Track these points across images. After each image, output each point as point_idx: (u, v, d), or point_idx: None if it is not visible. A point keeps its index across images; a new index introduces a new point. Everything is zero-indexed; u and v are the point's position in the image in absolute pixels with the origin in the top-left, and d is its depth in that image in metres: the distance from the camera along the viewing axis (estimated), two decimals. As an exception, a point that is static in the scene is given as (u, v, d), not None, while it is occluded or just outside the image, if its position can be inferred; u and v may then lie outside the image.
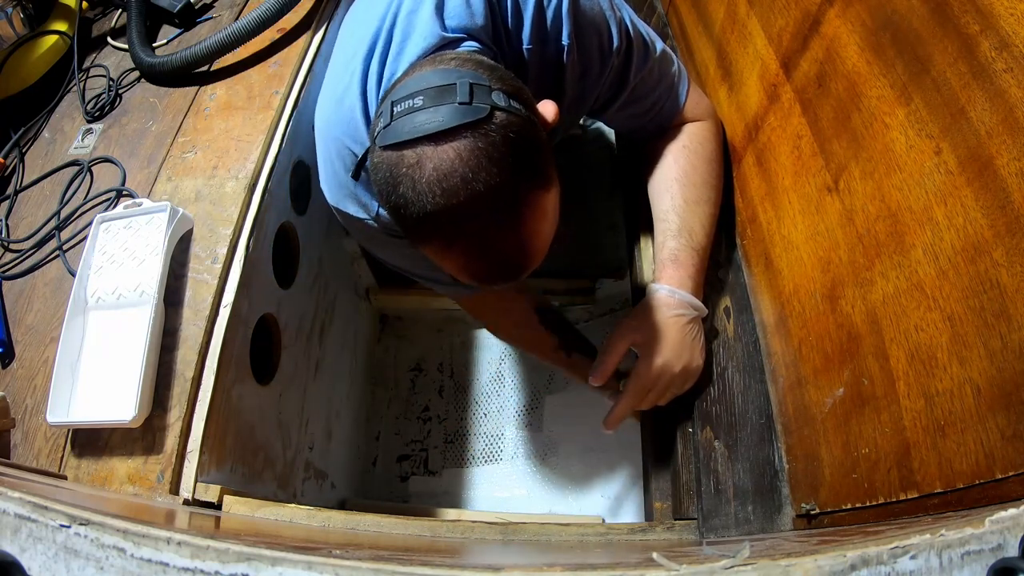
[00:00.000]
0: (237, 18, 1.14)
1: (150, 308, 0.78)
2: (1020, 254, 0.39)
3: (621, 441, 1.20)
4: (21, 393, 0.83)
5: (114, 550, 0.36)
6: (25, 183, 1.04)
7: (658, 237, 0.79)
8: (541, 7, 0.69)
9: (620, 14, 0.75)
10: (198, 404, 0.79)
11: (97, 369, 0.80)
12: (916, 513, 0.47)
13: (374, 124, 0.57)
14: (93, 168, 1.01)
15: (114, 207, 0.94)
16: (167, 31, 1.20)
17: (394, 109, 0.53)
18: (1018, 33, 0.39)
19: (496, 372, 1.42)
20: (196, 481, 0.75)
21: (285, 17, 1.05)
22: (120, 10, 1.26)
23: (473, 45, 0.66)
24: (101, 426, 0.77)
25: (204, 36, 1.06)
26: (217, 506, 0.76)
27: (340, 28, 0.85)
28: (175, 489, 0.75)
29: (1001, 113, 0.40)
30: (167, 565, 0.35)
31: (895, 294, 0.50)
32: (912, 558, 0.30)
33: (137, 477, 0.75)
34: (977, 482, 0.41)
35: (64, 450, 0.78)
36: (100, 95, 1.11)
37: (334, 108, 0.71)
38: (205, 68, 1.08)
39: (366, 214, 0.73)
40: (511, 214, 0.54)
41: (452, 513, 1.18)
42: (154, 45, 1.16)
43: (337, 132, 0.71)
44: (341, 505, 1.24)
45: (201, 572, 0.35)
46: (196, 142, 0.98)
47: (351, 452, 1.32)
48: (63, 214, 0.97)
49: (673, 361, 0.73)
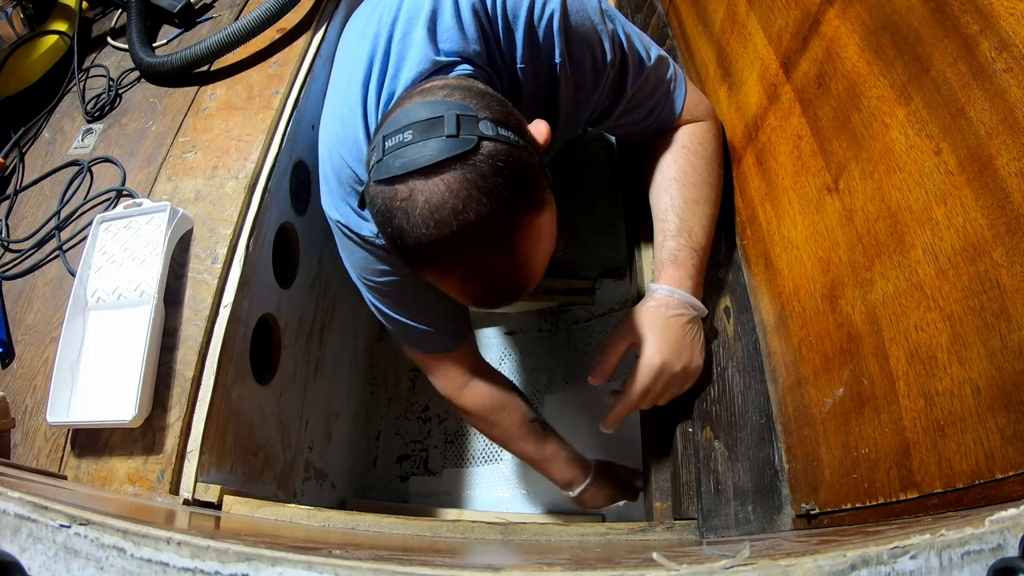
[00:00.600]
0: (237, 18, 1.14)
1: (150, 308, 0.78)
2: (1020, 254, 0.39)
3: (621, 441, 1.20)
4: (21, 393, 0.83)
5: (114, 550, 0.36)
6: (25, 183, 1.04)
7: (657, 237, 0.79)
8: (532, 26, 0.70)
9: (612, 26, 0.75)
10: (198, 404, 0.79)
11: (97, 369, 0.81)
12: (916, 513, 0.47)
13: (368, 157, 0.58)
14: (93, 168, 1.01)
15: (114, 207, 0.94)
16: (167, 31, 1.20)
17: (385, 143, 0.55)
18: (1018, 33, 0.39)
19: (496, 372, 1.42)
20: (196, 481, 0.75)
21: (285, 17, 1.05)
22: (120, 10, 1.26)
23: (466, 68, 0.67)
24: (101, 426, 0.77)
25: (204, 36, 1.06)
26: (217, 506, 0.76)
27: (340, 41, 0.86)
28: (175, 489, 0.75)
29: (1001, 113, 0.40)
30: (167, 565, 0.35)
31: (895, 294, 0.50)
32: (912, 558, 0.30)
33: (137, 477, 0.75)
34: (977, 482, 0.41)
35: (64, 450, 0.78)
36: (100, 95, 1.11)
37: (338, 127, 0.73)
38: (205, 68, 1.08)
39: (368, 231, 0.74)
40: (504, 241, 0.55)
41: (452, 513, 1.18)
42: (154, 45, 1.16)
43: (341, 151, 0.73)
44: (341, 505, 1.24)
45: (201, 572, 0.35)
46: (196, 142, 0.99)
47: (351, 452, 1.32)
48: (63, 214, 0.97)
49: (673, 361, 0.73)
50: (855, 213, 0.55)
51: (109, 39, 1.23)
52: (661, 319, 0.74)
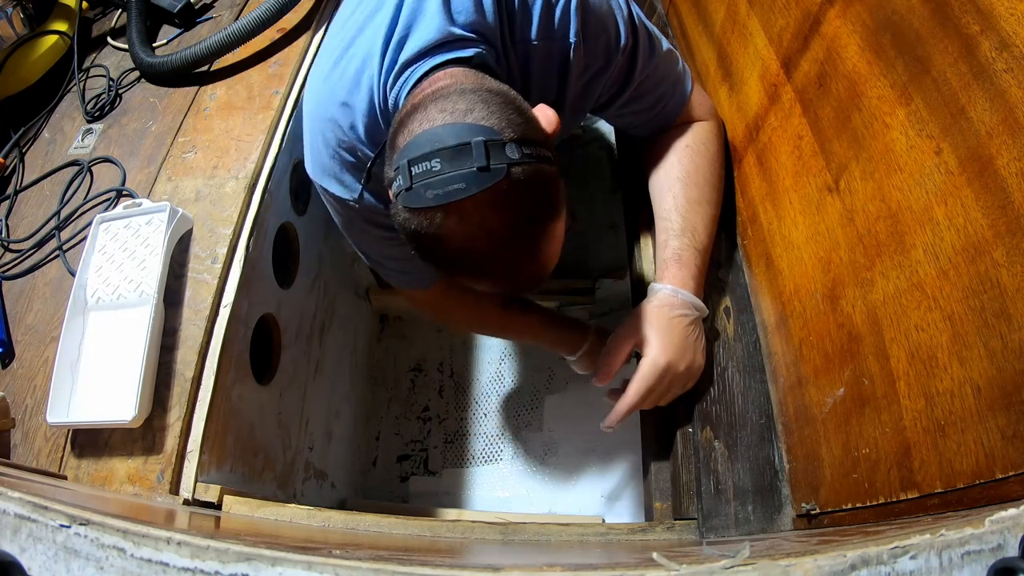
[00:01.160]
0: (237, 18, 1.14)
1: (150, 308, 0.78)
2: (1020, 254, 0.39)
3: (621, 441, 1.20)
4: (21, 393, 0.83)
5: (114, 550, 0.36)
6: (25, 183, 1.04)
7: (660, 236, 0.79)
8: (549, 3, 0.69)
9: (628, 10, 0.75)
10: (198, 404, 0.79)
11: (97, 369, 0.80)
12: (916, 513, 0.47)
13: (389, 176, 0.58)
14: (93, 168, 1.01)
15: (114, 207, 0.94)
16: (167, 31, 1.20)
17: (412, 170, 0.54)
18: (1018, 33, 0.39)
19: (496, 372, 1.42)
20: (196, 481, 0.75)
21: (285, 17, 1.05)
22: (120, 10, 1.26)
23: (478, 51, 0.64)
24: (101, 426, 0.77)
25: (204, 36, 1.06)
26: (217, 506, 0.76)
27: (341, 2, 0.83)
28: (175, 489, 0.75)
29: (1001, 113, 0.40)
30: (167, 565, 0.35)
31: (895, 294, 0.50)
32: (912, 558, 0.30)
33: (137, 477, 0.75)
34: (977, 482, 0.41)
35: (64, 450, 0.78)
36: (100, 95, 1.11)
37: (333, 86, 0.70)
38: (205, 68, 1.08)
39: (348, 195, 0.73)
40: (531, 251, 0.59)
41: (452, 513, 1.18)
42: (154, 45, 1.16)
43: (332, 112, 0.70)
44: (341, 505, 1.24)
45: (201, 572, 0.35)
46: (196, 142, 0.98)
47: (351, 452, 1.32)
48: (63, 214, 0.97)
49: (677, 361, 0.73)
50: (856, 213, 0.55)
51: (109, 39, 1.23)
52: (665, 319, 0.74)
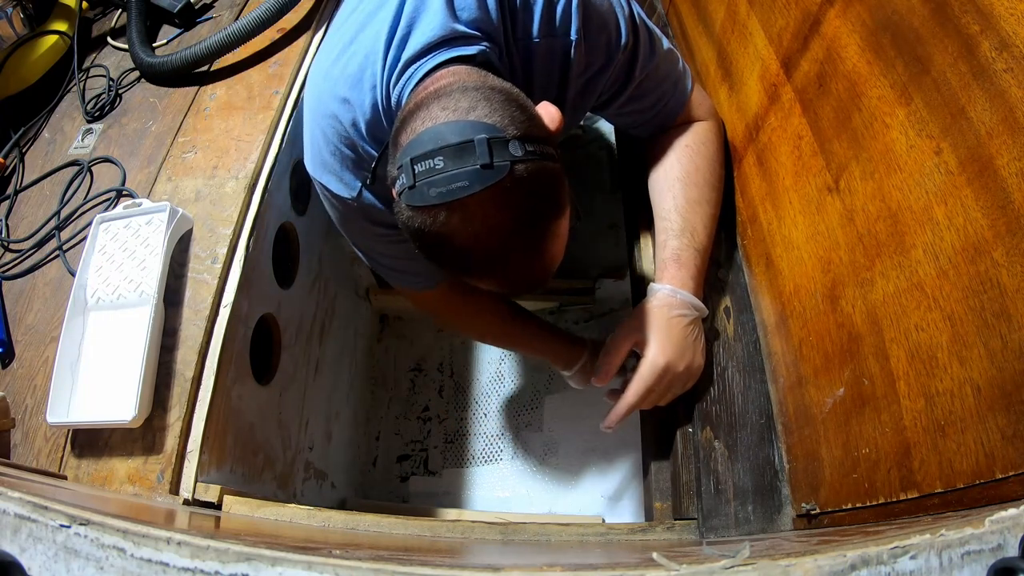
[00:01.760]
0: (237, 18, 1.14)
1: (150, 308, 0.78)
2: (1020, 254, 0.39)
3: (621, 441, 1.20)
4: (21, 393, 0.83)
5: (114, 550, 0.36)
6: (25, 183, 1.04)
7: (660, 236, 0.79)
8: (551, 1, 0.69)
9: (629, 9, 0.75)
10: (198, 404, 0.79)
11: (97, 369, 0.80)
12: (916, 513, 0.47)
13: (392, 174, 0.58)
14: (93, 168, 1.01)
15: (114, 207, 0.94)
16: (167, 31, 1.20)
17: (415, 168, 0.54)
18: (1018, 33, 0.39)
19: (496, 372, 1.42)
20: (196, 481, 0.75)
21: (285, 17, 1.05)
22: (120, 10, 1.26)
23: (481, 48, 0.64)
24: (101, 426, 0.77)
25: (204, 36, 1.06)
26: (217, 506, 0.76)
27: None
28: (175, 489, 0.75)
29: (1001, 113, 0.40)
30: (167, 565, 0.35)
31: (895, 294, 0.50)
32: (912, 558, 0.30)
33: (137, 477, 0.75)
34: (977, 482, 0.41)
35: (64, 450, 0.78)
36: (100, 95, 1.11)
37: (333, 83, 0.69)
38: (205, 68, 1.08)
39: (347, 193, 0.73)
40: (535, 249, 0.59)
41: (452, 513, 1.17)
42: (154, 45, 1.16)
43: (333, 107, 0.69)
44: (341, 505, 1.24)
45: (201, 572, 0.35)
46: (196, 142, 0.98)
47: (351, 452, 1.32)
48: (63, 214, 0.97)
49: (676, 361, 0.73)
50: (856, 213, 0.55)
51: (109, 39, 1.23)
52: (664, 319, 0.74)
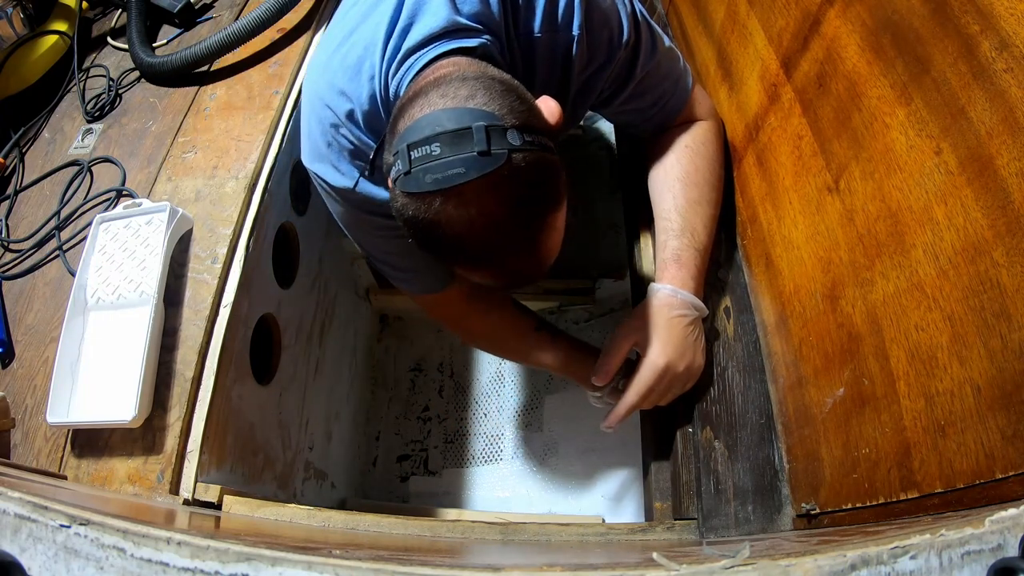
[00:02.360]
0: (237, 18, 1.14)
1: (150, 308, 0.78)
2: (1020, 254, 0.39)
3: (621, 441, 1.20)
4: (21, 393, 0.83)
5: (114, 550, 0.36)
6: (25, 183, 1.04)
7: (660, 236, 0.79)
8: None
9: (631, 6, 0.75)
10: (198, 404, 0.79)
11: (97, 369, 0.80)
12: (916, 513, 0.47)
13: (388, 161, 0.57)
14: (93, 168, 1.01)
15: (114, 207, 0.94)
16: (167, 31, 1.20)
17: (411, 154, 0.54)
18: (1018, 33, 0.39)
19: (496, 372, 1.42)
20: (196, 481, 0.75)
21: (285, 17, 1.05)
22: (120, 10, 1.26)
23: (482, 40, 0.64)
24: (101, 426, 0.77)
25: (204, 36, 1.06)
26: (217, 506, 0.76)
27: None
28: (175, 489, 0.75)
29: (1001, 113, 0.40)
30: (167, 565, 0.35)
31: (895, 294, 0.50)
32: (912, 558, 0.30)
33: (137, 477, 0.75)
34: (977, 482, 0.41)
35: (64, 450, 0.78)
36: (100, 95, 1.11)
37: (333, 75, 0.69)
38: (205, 68, 1.08)
39: (343, 183, 0.72)
40: (530, 242, 0.58)
41: (452, 513, 1.18)
42: (154, 45, 1.16)
43: (329, 100, 0.69)
44: (341, 505, 1.24)
45: (201, 572, 0.35)
46: (196, 142, 0.98)
47: (351, 452, 1.32)
48: (63, 214, 0.97)
49: (676, 362, 0.73)
50: (856, 213, 0.55)
51: (109, 39, 1.23)
52: (664, 319, 0.74)
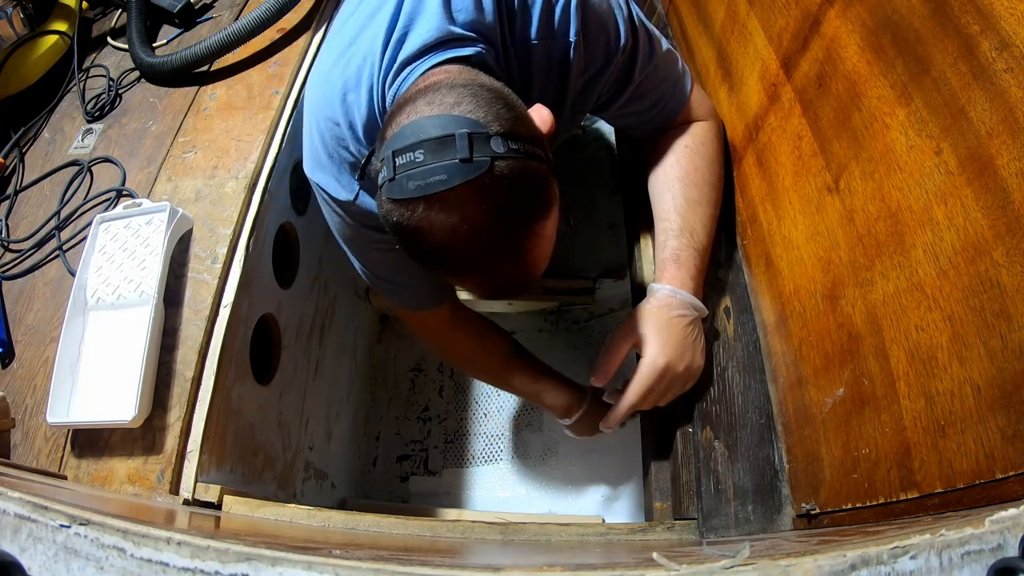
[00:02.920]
0: (237, 18, 1.14)
1: (150, 308, 0.78)
2: (1020, 254, 0.39)
3: (621, 441, 1.20)
4: (21, 393, 0.83)
5: (114, 550, 0.36)
6: (25, 183, 1.04)
7: (659, 236, 0.79)
8: (549, 3, 0.69)
9: (629, 10, 0.75)
10: (198, 404, 0.79)
11: (97, 369, 0.80)
12: (916, 513, 0.47)
13: (375, 167, 0.57)
14: (93, 168, 1.01)
15: (114, 207, 0.94)
16: (167, 31, 1.20)
17: (396, 160, 0.54)
18: (1018, 33, 0.39)
19: (496, 372, 1.42)
20: (196, 481, 0.75)
21: (285, 17, 1.05)
22: (120, 10, 1.26)
23: (477, 49, 0.64)
24: (101, 426, 0.77)
25: (204, 36, 1.06)
26: (217, 506, 0.76)
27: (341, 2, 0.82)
28: (175, 489, 0.75)
29: (1001, 113, 0.40)
30: (167, 565, 0.35)
31: (895, 294, 0.50)
32: (912, 558, 0.30)
33: (137, 477, 0.75)
34: (977, 482, 0.41)
35: (64, 450, 0.78)
36: (100, 95, 1.11)
37: (334, 87, 0.69)
38: (205, 68, 1.08)
39: (344, 195, 0.72)
40: (516, 250, 0.58)
41: (452, 513, 1.18)
42: (154, 45, 1.16)
43: (328, 112, 0.70)
44: (341, 505, 1.24)
45: (201, 572, 0.35)
46: (196, 142, 0.98)
47: (351, 452, 1.32)
48: (63, 214, 0.97)
49: (676, 362, 0.73)
50: (856, 213, 0.55)
51: (109, 39, 1.23)
52: (664, 320, 0.74)
